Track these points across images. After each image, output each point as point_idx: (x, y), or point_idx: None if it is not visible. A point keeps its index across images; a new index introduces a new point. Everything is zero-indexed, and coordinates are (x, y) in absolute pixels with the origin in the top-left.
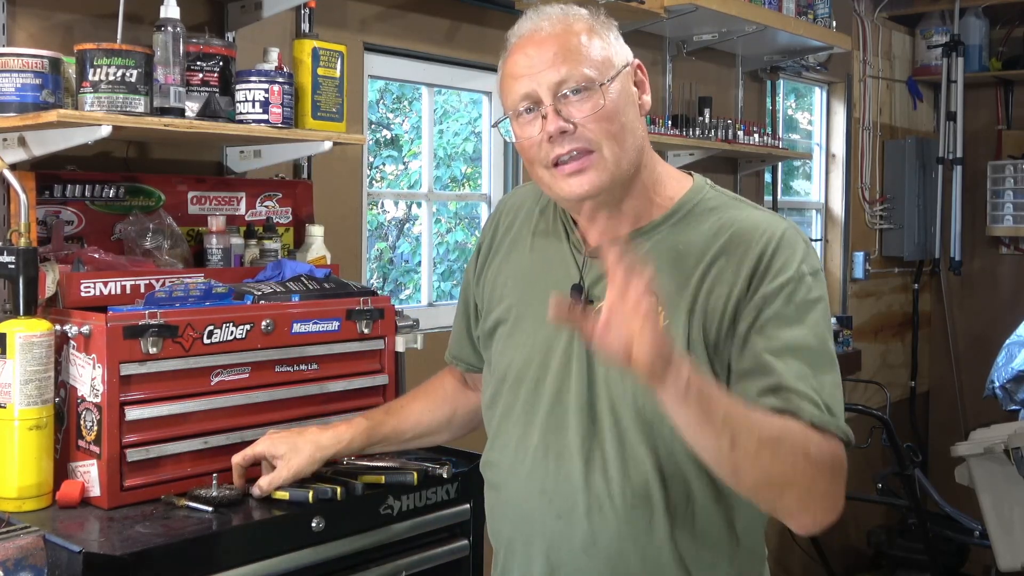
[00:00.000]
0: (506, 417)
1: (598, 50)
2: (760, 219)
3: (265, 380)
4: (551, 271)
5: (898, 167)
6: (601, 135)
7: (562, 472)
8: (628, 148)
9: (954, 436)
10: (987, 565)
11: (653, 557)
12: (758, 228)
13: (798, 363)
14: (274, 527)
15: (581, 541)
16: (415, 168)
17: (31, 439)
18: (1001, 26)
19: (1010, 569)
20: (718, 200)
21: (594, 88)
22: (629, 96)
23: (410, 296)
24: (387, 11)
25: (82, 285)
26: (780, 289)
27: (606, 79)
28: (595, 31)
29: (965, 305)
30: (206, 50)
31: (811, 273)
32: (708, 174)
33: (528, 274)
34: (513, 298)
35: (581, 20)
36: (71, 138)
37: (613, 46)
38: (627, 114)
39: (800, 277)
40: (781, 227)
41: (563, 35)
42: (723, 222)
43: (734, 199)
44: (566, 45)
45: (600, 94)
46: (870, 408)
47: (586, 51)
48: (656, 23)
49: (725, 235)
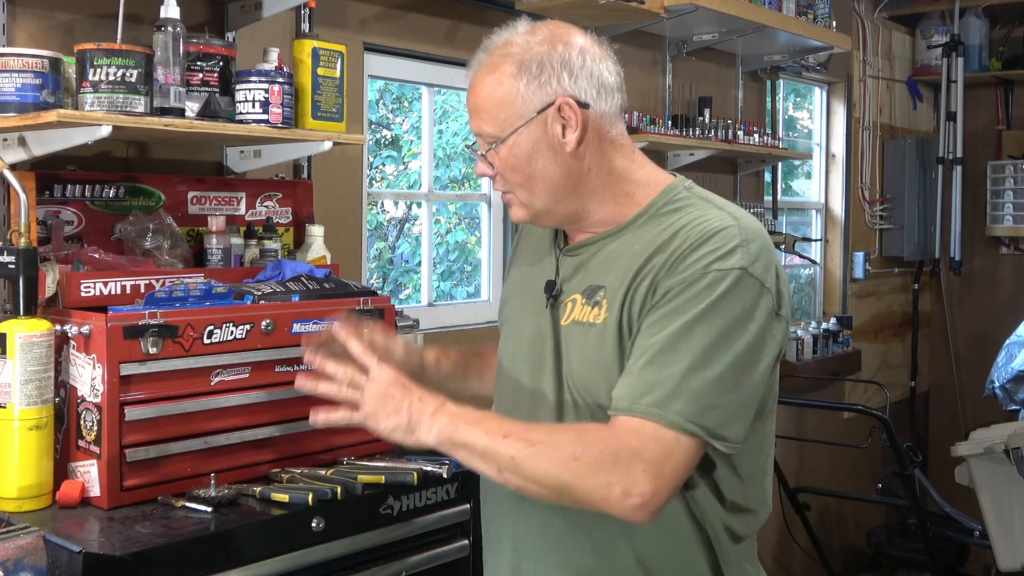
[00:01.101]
0: (497, 407)
1: (502, 103)
2: (711, 215)
3: (265, 380)
4: (538, 271)
5: (898, 167)
6: (511, 182)
7: None
8: (539, 192)
9: (954, 436)
10: (987, 565)
11: (605, 539)
12: (698, 223)
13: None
14: (274, 527)
15: (538, 522)
16: (415, 168)
17: (31, 439)
18: (1001, 26)
19: (1010, 569)
20: (686, 201)
21: (497, 144)
22: (541, 143)
23: (410, 296)
24: (387, 11)
25: (82, 285)
26: (681, 283)
27: (507, 134)
28: (509, 77)
29: (965, 305)
30: (206, 50)
31: (721, 270)
32: (708, 174)
33: (524, 275)
34: (512, 299)
35: (507, 58)
36: (71, 138)
37: (523, 92)
38: (533, 163)
39: (705, 273)
40: (722, 224)
41: (478, 86)
42: (677, 221)
43: (702, 200)
44: (476, 100)
45: (504, 148)
46: (870, 408)
47: (491, 106)
48: (656, 23)
49: (671, 231)
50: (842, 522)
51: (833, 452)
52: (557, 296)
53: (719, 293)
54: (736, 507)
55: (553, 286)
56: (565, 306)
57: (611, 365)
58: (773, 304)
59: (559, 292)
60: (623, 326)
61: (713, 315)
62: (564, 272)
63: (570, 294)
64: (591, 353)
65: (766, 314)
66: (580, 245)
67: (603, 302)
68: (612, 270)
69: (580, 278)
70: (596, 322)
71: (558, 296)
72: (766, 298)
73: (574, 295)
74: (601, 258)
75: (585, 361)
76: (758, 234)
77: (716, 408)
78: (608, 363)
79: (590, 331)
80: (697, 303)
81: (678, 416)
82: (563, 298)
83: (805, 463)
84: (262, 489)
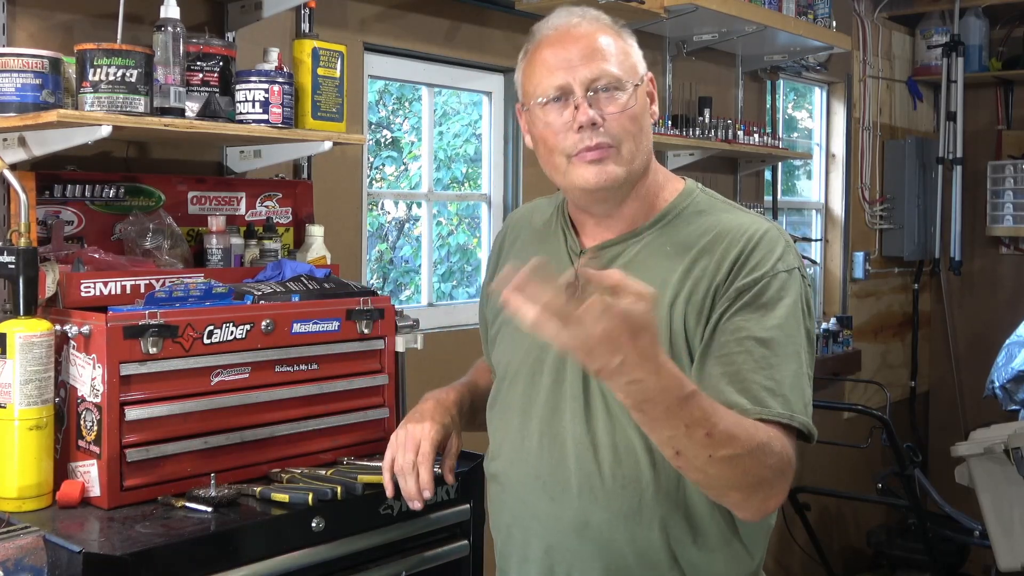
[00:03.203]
0: (507, 411)
1: (627, 55)
2: (745, 220)
3: (265, 380)
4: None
5: (898, 167)
6: (624, 133)
7: (555, 456)
8: (642, 150)
9: (954, 436)
10: (987, 565)
11: (643, 539)
12: (741, 227)
13: (761, 352)
14: (274, 527)
15: (572, 522)
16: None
17: (31, 439)
18: (1001, 26)
19: (1010, 569)
20: (707, 203)
21: (624, 88)
22: (646, 104)
23: (410, 296)
24: (387, 11)
25: (82, 285)
26: (754, 284)
27: (633, 82)
28: (623, 37)
29: (965, 305)
30: (206, 50)
31: (786, 271)
32: (708, 174)
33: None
34: None
35: (611, 25)
36: (71, 138)
37: (636, 55)
38: (645, 119)
39: (774, 274)
40: (763, 227)
41: (597, 33)
42: (709, 223)
43: (723, 203)
44: (600, 45)
45: (628, 95)
46: (870, 408)
47: (617, 53)
48: (656, 23)
49: (710, 235)
50: (842, 522)
51: (833, 452)
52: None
53: (793, 292)
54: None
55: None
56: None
57: None
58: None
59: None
60: (673, 330)
61: (794, 314)
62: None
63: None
64: None
65: (811, 308)
66: (600, 247)
67: None
68: (644, 272)
69: None
70: None
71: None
72: (809, 293)
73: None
74: (627, 259)
75: None
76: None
77: (809, 404)
78: None
79: None
80: (778, 303)
81: (801, 417)
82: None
83: (805, 463)
84: (262, 489)
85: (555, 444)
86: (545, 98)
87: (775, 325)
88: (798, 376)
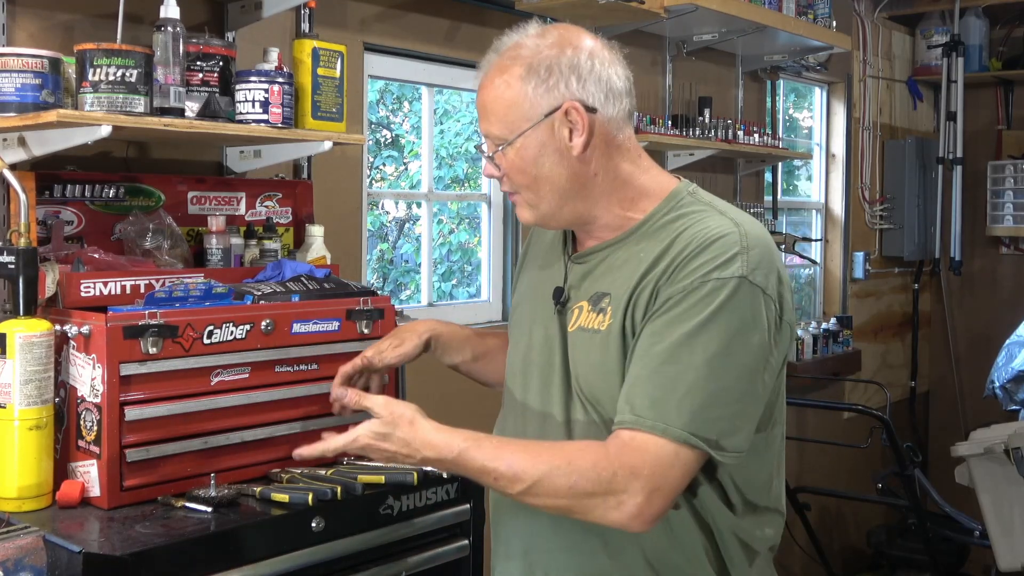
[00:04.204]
0: (506, 413)
1: (510, 106)
2: (712, 224)
3: (265, 380)
4: (547, 277)
5: (898, 167)
6: (518, 184)
7: None
8: (544, 194)
9: (954, 436)
10: (987, 565)
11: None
12: (701, 231)
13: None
14: (274, 527)
15: (549, 525)
16: (415, 169)
17: (31, 439)
18: (1001, 26)
19: (1010, 569)
20: (690, 207)
21: (505, 146)
22: (547, 146)
23: (410, 296)
24: (387, 11)
25: (82, 285)
26: (681, 291)
27: (514, 136)
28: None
29: (965, 305)
30: (206, 50)
31: (720, 279)
32: (708, 174)
33: (534, 281)
34: (522, 305)
35: (516, 61)
36: (71, 138)
37: (531, 95)
38: (540, 166)
39: (704, 281)
40: (721, 232)
41: (487, 88)
42: (680, 227)
43: (706, 206)
44: (486, 100)
45: (511, 151)
46: (870, 408)
47: (498, 109)
48: (656, 23)
49: (672, 238)
50: (842, 522)
51: (833, 452)
52: (565, 303)
53: (719, 302)
54: (746, 512)
55: (561, 293)
56: (572, 312)
57: (614, 371)
58: (776, 311)
59: (567, 299)
60: (626, 332)
61: (714, 325)
62: (572, 279)
63: (577, 301)
64: (595, 359)
65: (768, 322)
66: (587, 253)
67: (608, 309)
68: (617, 278)
69: (587, 285)
70: (600, 329)
71: (566, 303)
72: (768, 306)
73: (581, 302)
74: (607, 266)
75: (590, 367)
76: (760, 240)
77: (718, 419)
78: (611, 369)
79: (595, 337)
80: (697, 313)
81: (681, 430)
82: (571, 305)
83: (805, 463)
84: (262, 489)
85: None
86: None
87: (684, 333)
88: (691, 388)
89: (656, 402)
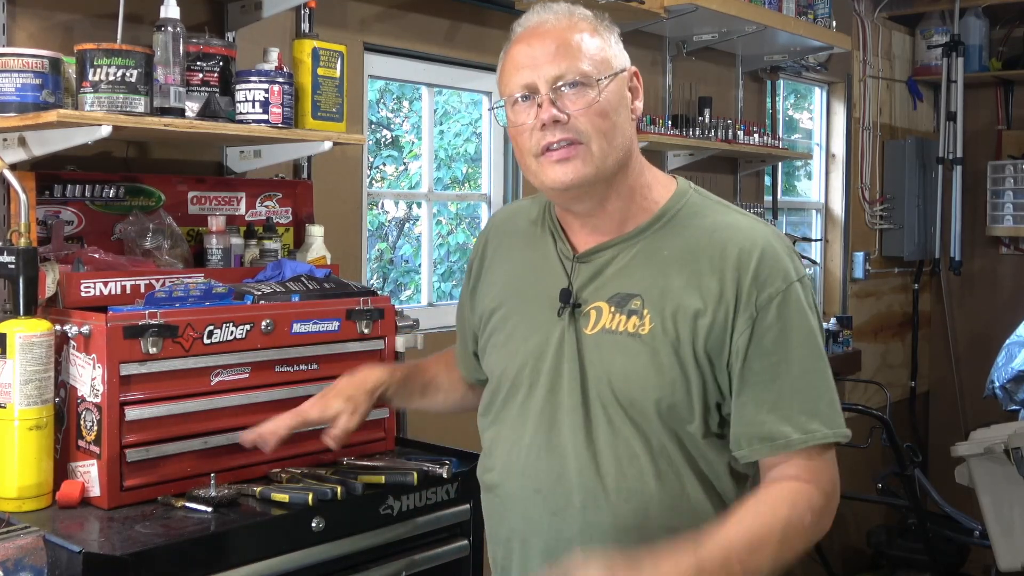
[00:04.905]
0: (500, 422)
1: (597, 49)
2: (743, 225)
3: (265, 380)
4: (541, 278)
5: (898, 167)
6: (591, 129)
7: (555, 470)
8: (616, 146)
9: (954, 436)
10: (987, 565)
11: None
12: (741, 235)
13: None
14: (274, 527)
15: (578, 537)
16: (415, 169)
17: (31, 439)
18: (1001, 26)
19: (1010, 569)
20: (701, 204)
21: (590, 84)
22: (623, 99)
23: (410, 296)
24: (387, 11)
25: (82, 285)
26: (769, 301)
27: (602, 77)
28: (597, 31)
29: (965, 305)
30: (206, 50)
31: (798, 280)
32: (707, 174)
33: (519, 284)
34: (505, 309)
35: (585, 20)
36: (71, 138)
37: (612, 48)
38: (619, 114)
39: (788, 287)
40: (763, 235)
41: (566, 31)
42: (706, 227)
43: (717, 203)
44: (568, 41)
45: (595, 90)
46: (870, 408)
47: (585, 49)
48: (656, 23)
49: (714, 247)
50: (842, 522)
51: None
52: (577, 305)
53: (805, 304)
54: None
55: (569, 295)
56: (588, 315)
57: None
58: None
59: (577, 301)
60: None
61: (810, 325)
62: (579, 280)
63: (592, 302)
64: (639, 362)
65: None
66: (593, 251)
67: (643, 312)
68: (644, 276)
69: (598, 285)
70: (640, 333)
71: (578, 305)
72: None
73: (597, 303)
74: (621, 264)
75: (629, 371)
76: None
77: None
78: (659, 373)
79: (632, 341)
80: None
81: (839, 429)
82: (584, 307)
83: None
84: (262, 489)
85: (554, 457)
86: (513, 97)
87: (799, 342)
88: (828, 387)
89: (812, 415)
